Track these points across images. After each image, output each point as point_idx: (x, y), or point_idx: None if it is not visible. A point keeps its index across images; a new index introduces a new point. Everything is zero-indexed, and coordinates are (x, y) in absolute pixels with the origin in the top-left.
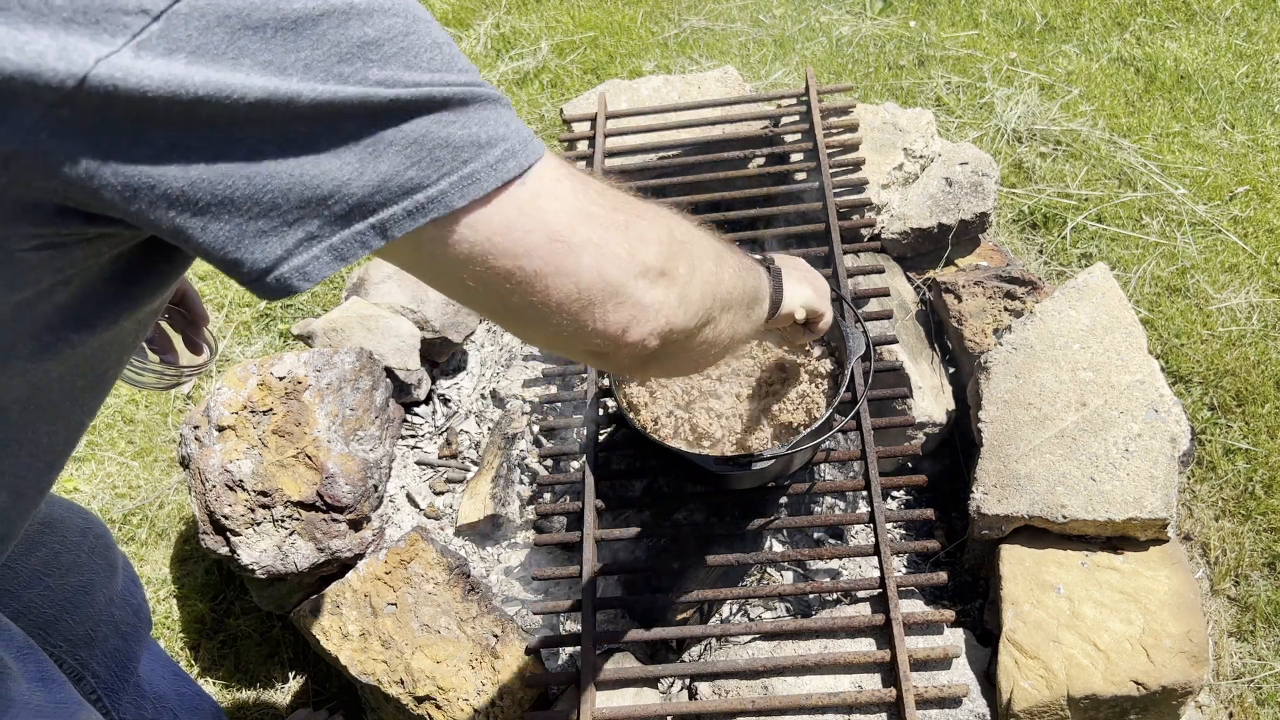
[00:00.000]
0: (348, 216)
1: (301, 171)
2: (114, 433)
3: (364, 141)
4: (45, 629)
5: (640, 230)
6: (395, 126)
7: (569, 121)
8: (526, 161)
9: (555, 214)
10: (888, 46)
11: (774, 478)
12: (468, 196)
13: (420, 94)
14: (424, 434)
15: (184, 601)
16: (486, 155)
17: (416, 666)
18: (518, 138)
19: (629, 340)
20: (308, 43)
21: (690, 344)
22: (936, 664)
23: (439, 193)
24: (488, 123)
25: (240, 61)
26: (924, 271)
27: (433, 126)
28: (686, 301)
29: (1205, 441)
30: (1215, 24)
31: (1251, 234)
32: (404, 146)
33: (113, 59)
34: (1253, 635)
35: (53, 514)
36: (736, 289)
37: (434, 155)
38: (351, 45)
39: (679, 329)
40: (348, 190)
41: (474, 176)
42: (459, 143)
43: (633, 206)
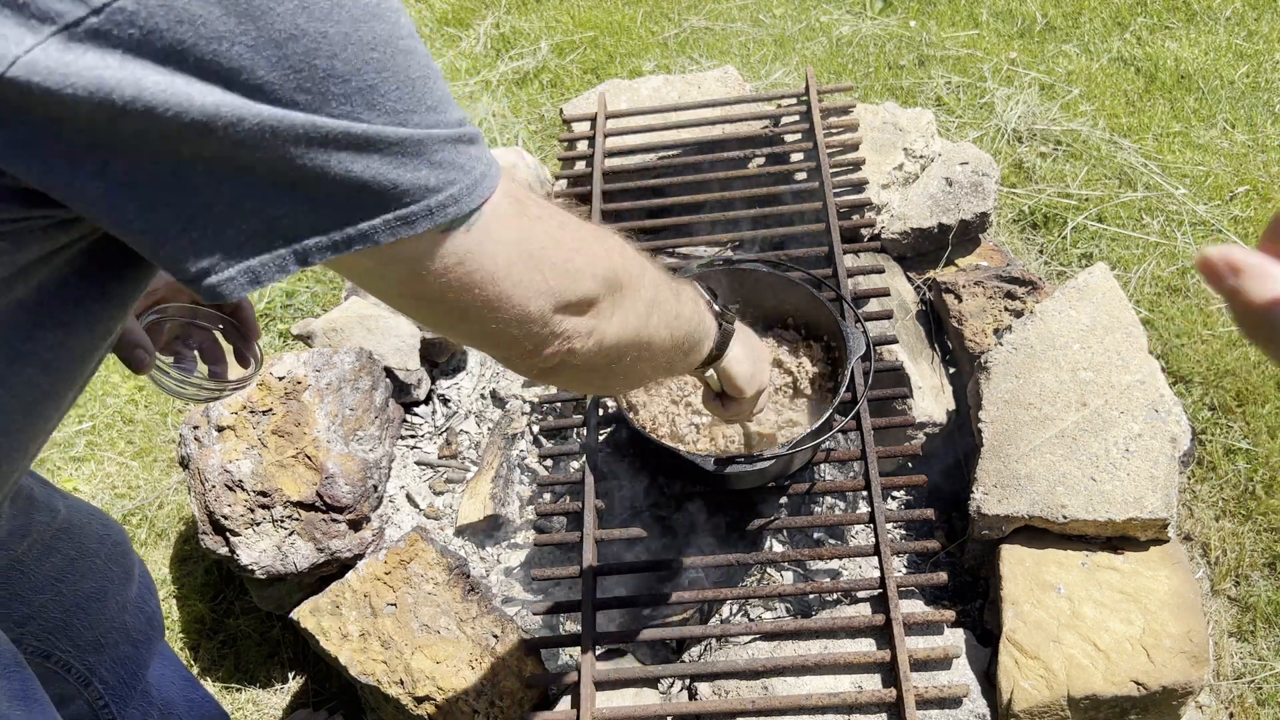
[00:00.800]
0: (271, 240)
1: (230, 191)
2: (114, 433)
3: (303, 170)
4: (54, 633)
5: (577, 268)
6: (340, 161)
7: (569, 121)
8: (469, 206)
9: (493, 258)
10: (888, 46)
11: (774, 478)
12: (397, 235)
13: (373, 133)
14: (424, 434)
15: (184, 601)
16: (429, 199)
17: (416, 667)
18: (468, 180)
19: (533, 357)
20: (267, 63)
21: (594, 371)
22: (937, 664)
23: (370, 229)
24: (441, 166)
25: (188, 71)
26: (924, 271)
27: (382, 167)
28: (600, 338)
29: (1205, 441)
30: (1215, 24)
31: (1252, 234)
32: (345, 181)
33: (36, 53)
34: (1253, 635)
35: (72, 519)
36: (663, 335)
37: (375, 194)
38: (315, 74)
39: (581, 357)
40: (276, 214)
41: (410, 218)
42: (406, 185)
43: (578, 241)
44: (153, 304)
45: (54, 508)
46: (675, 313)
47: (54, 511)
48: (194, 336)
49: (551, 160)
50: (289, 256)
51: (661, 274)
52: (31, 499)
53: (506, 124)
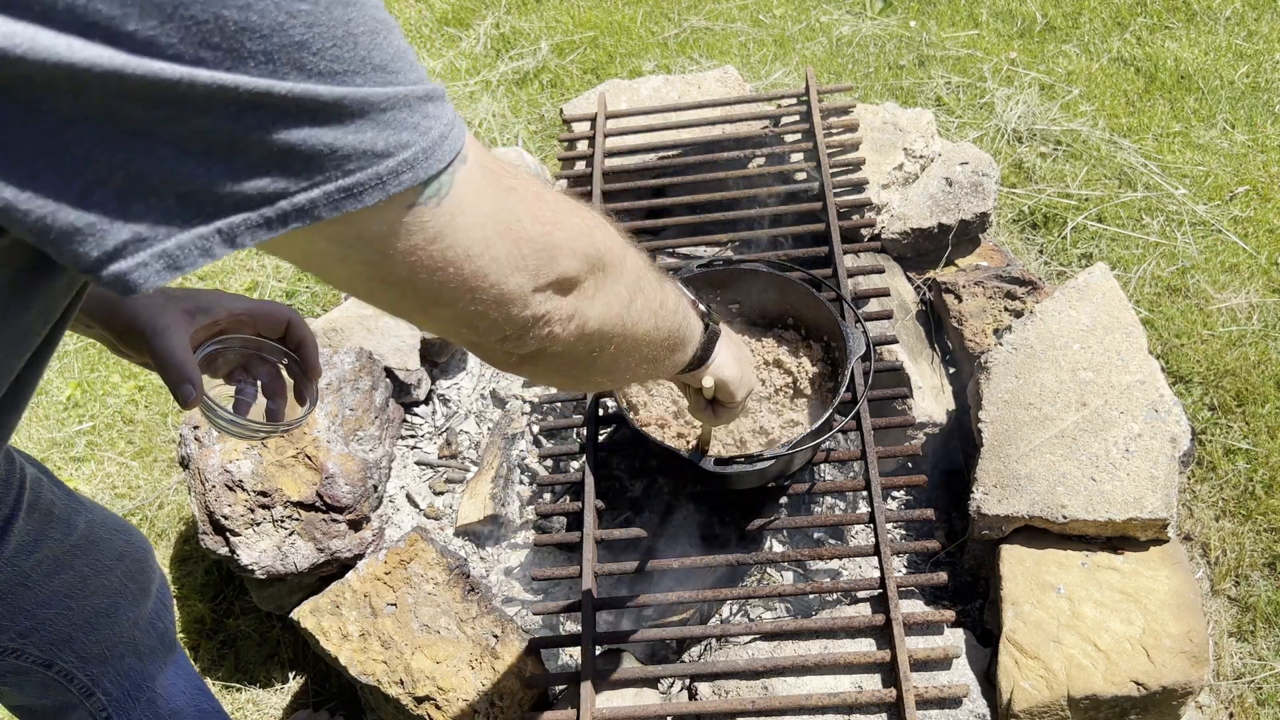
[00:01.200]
0: (187, 218)
1: (130, 160)
2: (114, 433)
3: (218, 137)
4: (58, 645)
5: (557, 243)
6: (262, 125)
7: (569, 121)
8: (427, 172)
9: (466, 232)
10: (888, 46)
11: (774, 478)
12: (341, 209)
13: (301, 92)
14: (424, 434)
15: (184, 602)
16: (377, 166)
17: (416, 667)
18: (425, 141)
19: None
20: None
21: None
22: (936, 664)
23: (308, 202)
24: (390, 126)
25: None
26: (924, 271)
27: (313, 130)
28: (581, 320)
29: (1205, 441)
30: (1215, 24)
31: (1252, 234)
32: (271, 149)
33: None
34: (1253, 635)
35: (92, 535)
36: (646, 324)
37: (309, 162)
38: (224, 28)
39: (561, 342)
40: (190, 187)
41: (356, 188)
42: (344, 150)
43: (557, 215)
44: (214, 334)
45: (71, 523)
46: (660, 300)
47: (70, 528)
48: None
49: (551, 160)
50: (212, 237)
51: (644, 258)
52: (50, 514)
53: (506, 124)
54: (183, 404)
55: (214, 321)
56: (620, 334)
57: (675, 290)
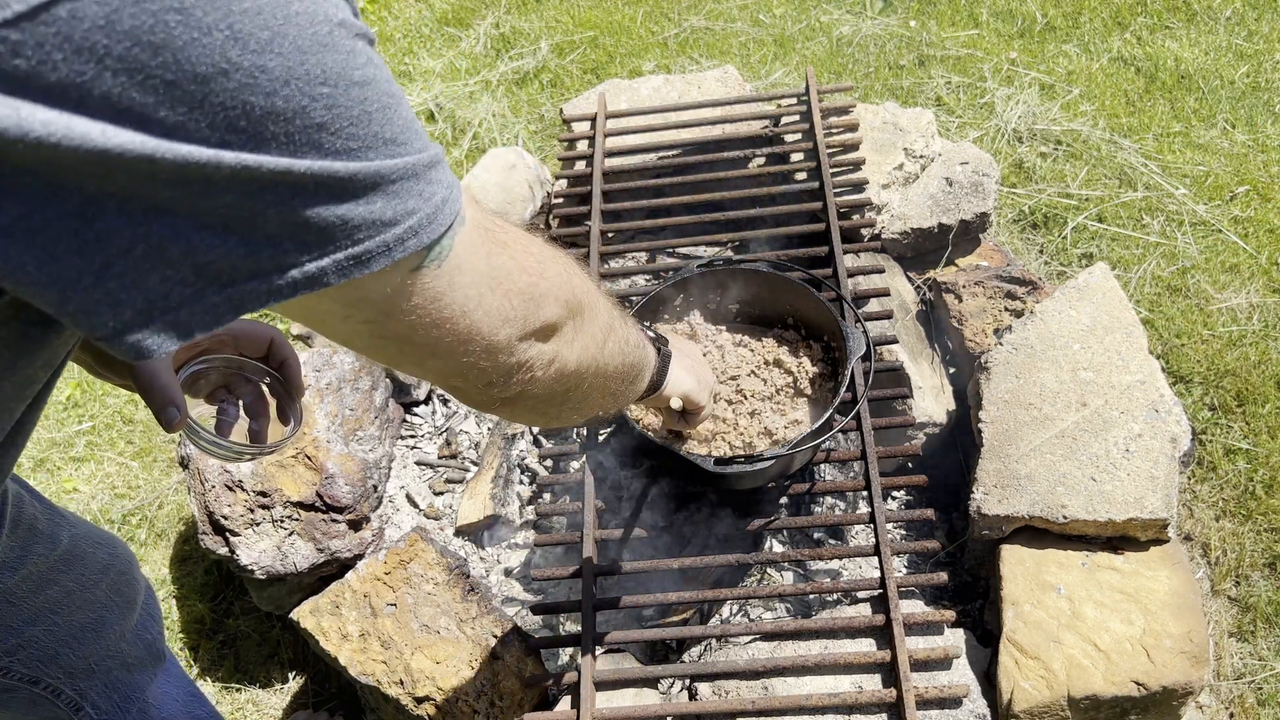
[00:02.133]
0: (200, 287)
1: (149, 235)
2: (113, 433)
3: (238, 213)
4: (45, 661)
5: (542, 292)
6: (281, 201)
7: (569, 121)
8: (430, 237)
9: (463, 290)
10: (888, 46)
11: (774, 478)
12: (349, 277)
13: (320, 170)
14: (423, 434)
15: (183, 602)
16: (385, 234)
17: (416, 667)
18: (428, 208)
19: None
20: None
21: (550, 400)
22: (937, 664)
23: (318, 270)
24: (398, 196)
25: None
26: (924, 271)
27: (329, 204)
28: (562, 364)
29: (1206, 441)
30: (1216, 24)
31: (1252, 234)
32: (288, 223)
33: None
34: (1253, 635)
35: (75, 550)
36: (616, 361)
37: (323, 234)
38: (250, 114)
39: (541, 384)
40: (205, 259)
41: (364, 256)
42: (356, 221)
43: (541, 265)
44: (196, 355)
45: (56, 539)
46: (625, 337)
47: (55, 543)
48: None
49: (551, 160)
50: (223, 305)
51: (611, 300)
52: (34, 530)
53: (506, 124)
54: (167, 428)
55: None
56: (594, 373)
57: (635, 325)
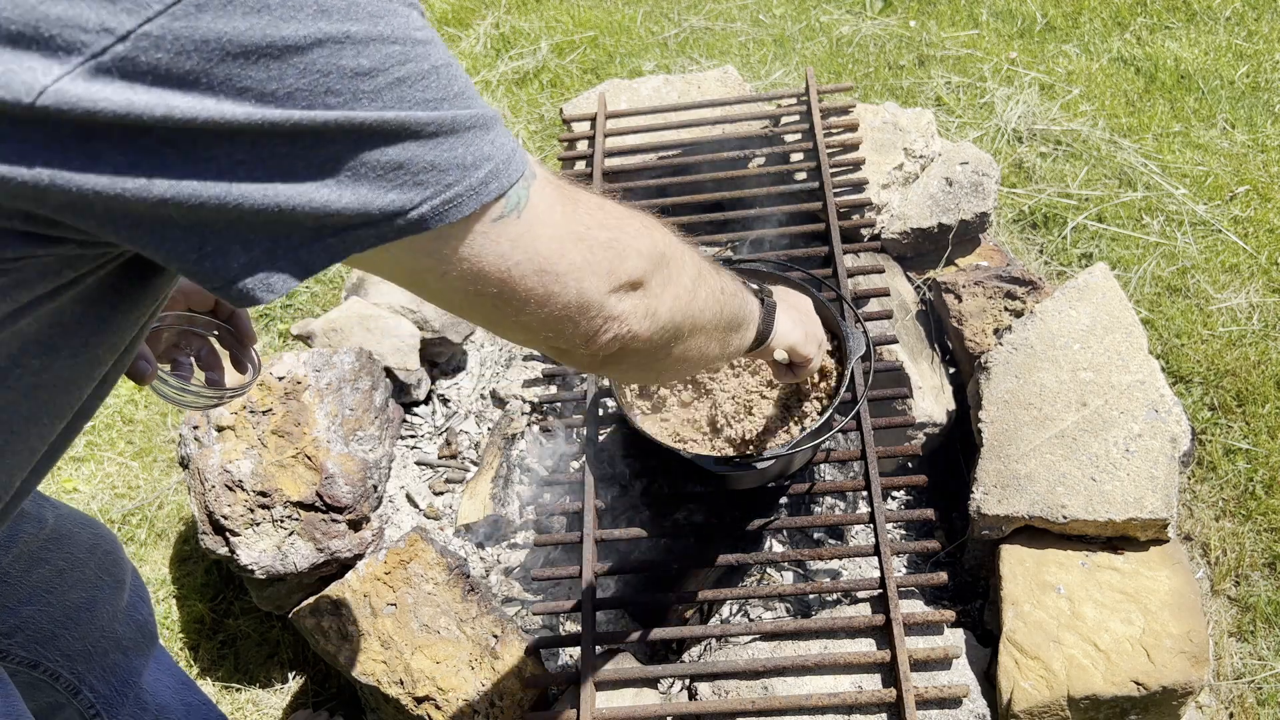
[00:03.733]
0: (319, 234)
1: (276, 193)
2: (113, 433)
3: (344, 164)
4: (42, 644)
5: (624, 245)
6: (378, 149)
7: (569, 121)
8: (509, 180)
9: (546, 242)
10: (888, 46)
11: (774, 478)
12: (448, 219)
13: (407, 118)
14: (424, 434)
15: (183, 602)
16: (470, 177)
17: (416, 667)
18: (503, 155)
19: (594, 344)
20: (295, 71)
21: (653, 355)
22: (937, 664)
23: (419, 216)
24: (474, 144)
25: (217, 89)
26: (924, 271)
27: (418, 150)
28: (655, 315)
29: (1205, 441)
30: (1215, 24)
31: (1252, 234)
32: (386, 170)
33: (63, 83)
34: (1253, 635)
35: (61, 529)
36: (711, 310)
37: (417, 178)
38: (343, 74)
39: (642, 339)
40: (323, 210)
41: (456, 200)
42: (445, 165)
43: (619, 220)
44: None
45: (42, 518)
46: (719, 286)
47: (42, 522)
48: (190, 344)
49: (551, 160)
50: (336, 244)
51: (698, 251)
52: (21, 510)
53: (506, 124)
54: (139, 380)
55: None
56: (690, 323)
57: (730, 275)
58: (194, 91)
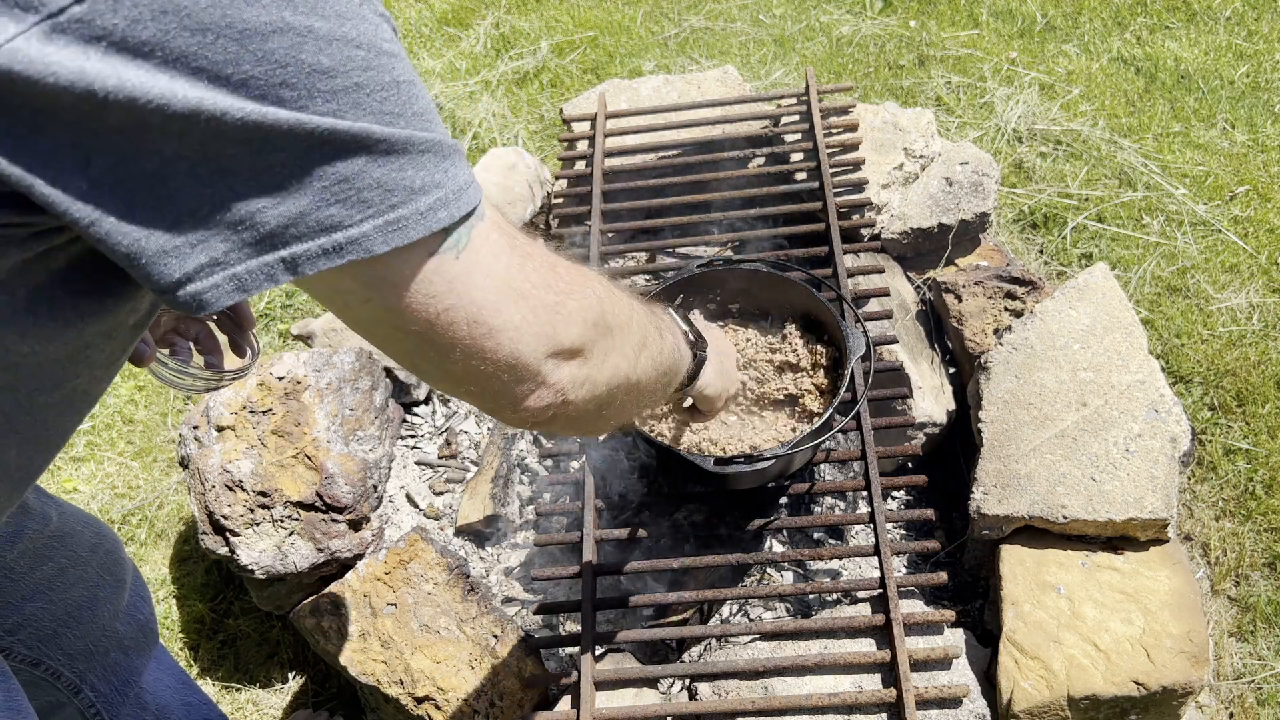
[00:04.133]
0: (258, 246)
1: (215, 194)
2: (113, 433)
3: (289, 171)
4: (44, 642)
5: (569, 311)
6: (326, 160)
7: (569, 121)
8: (457, 213)
9: (484, 291)
10: (888, 46)
11: (774, 478)
12: (390, 243)
13: (359, 130)
14: (423, 434)
15: (183, 602)
16: (417, 202)
17: (416, 667)
18: (453, 185)
19: (522, 408)
20: (252, 57)
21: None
22: (937, 664)
23: (360, 235)
24: (426, 168)
25: (171, 64)
26: (924, 271)
27: (367, 165)
28: (593, 384)
29: (1206, 441)
30: (1215, 24)
31: (1252, 234)
32: (332, 182)
33: (18, 42)
34: (1253, 635)
35: (65, 527)
36: (651, 375)
37: (361, 195)
38: (301, 68)
39: (574, 406)
40: (262, 219)
41: (400, 222)
42: (390, 185)
43: (569, 283)
44: None
45: (46, 515)
46: (659, 349)
47: (46, 519)
48: (188, 328)
49: (551, 160)
50: (277, 265)
51: (646, 310)
52: (25, 506)
53: (506, 124)
54: (138, 363)
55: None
56: (627, 389)
57: (671, 328)
58: (147, 64)
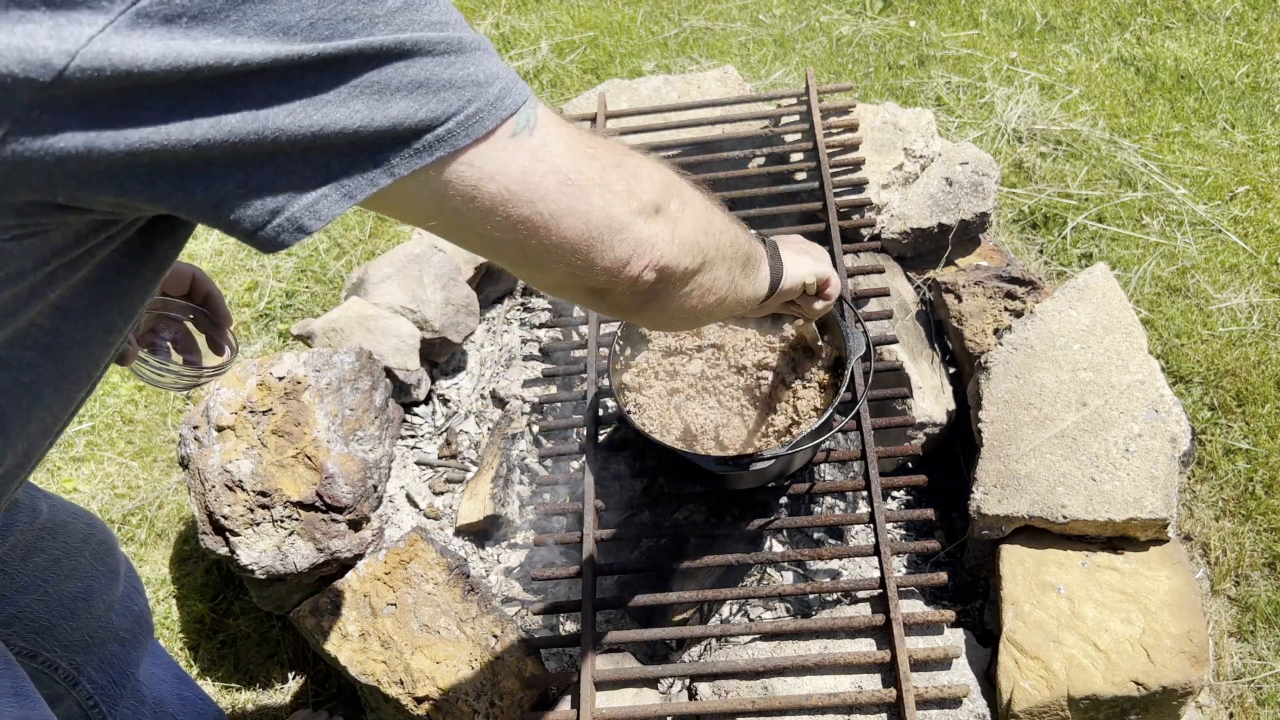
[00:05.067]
0: (355, 158)
1: (309, 120)
2: (113, 433)
3: (371, 87)
4: (40, 634)
5: (634, 167)
6: (400, 71)
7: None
8: (520, 98)
9: (563, 156)
10: (888, 46)
11: (774, 478)
12: (473, 135)
13: (420, 38)
14: (424, 434)
15: (183, 602)
16: (486, 93)
17: (416, 667)
18: (509, 76)
19: (629, 274)
20: (314, 3)
21: (687, 284)
22: (937, 664)
23: (446, 132)
24: (483, 63)
25: (243, 25)
26: (924, 271)
27: (435, 68)
28: (680, 237)
29: (1205, 441)
30: (1215, 24)
31: (1252, 234)
32: (410, 90)
33: (105, 35)
34: (1253, 635)
35: (55, 519)
36: (728, 238)
37: (439, 95)
38: (357, 3)
39: (674, 263)
40: (358, 134)
41: (477, 115)
42: (461, 82)
43: (623, 146)
44: None
45: (36, 508)
46: (725, 216)
47: (36, 512)
48: (167, 328)
49: None
50: (377, 171)
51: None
52: (14, 500)
53: None
54: (121, 361)
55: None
56: (712, 247)
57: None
58: (224, 32)
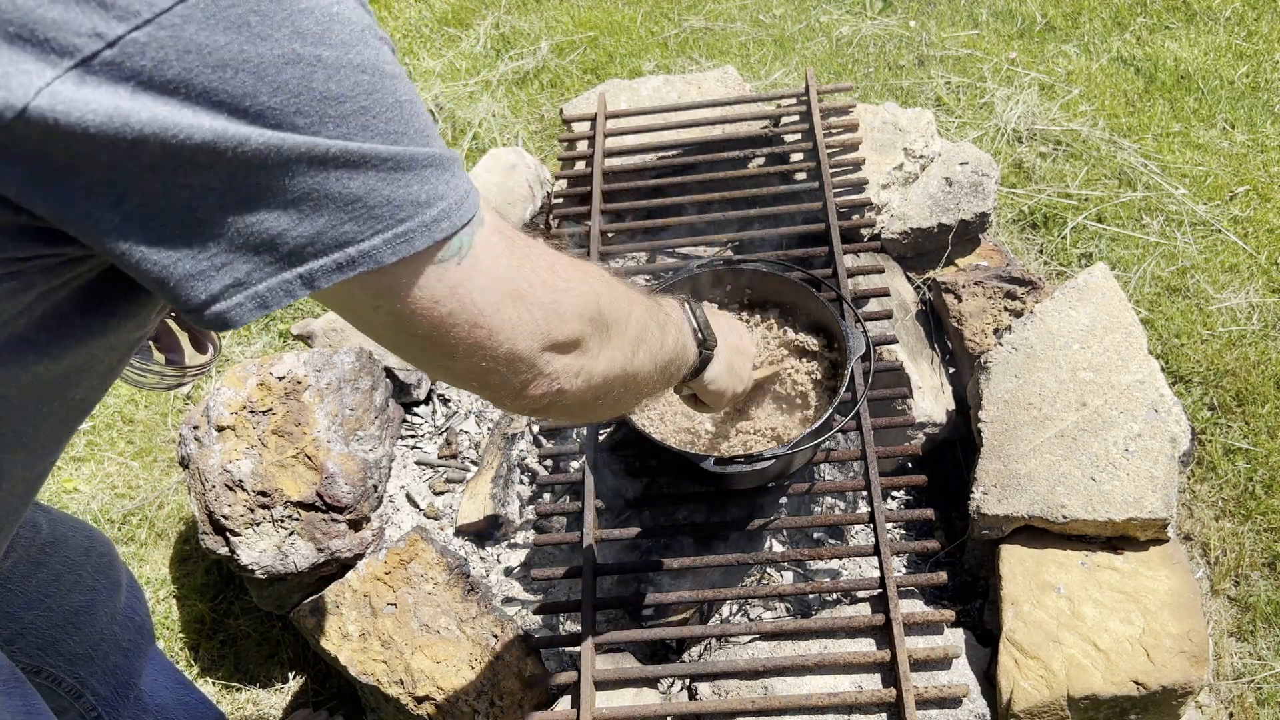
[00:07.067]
0: (278, 265)
1: (240, 220)
2: (113, 433)
3: (307, 193)
4: (44, 649)
5: (564, 308)
6: (339, 180)
7: (569, 121)
8: (459, 222)
9: (483, 293)
10: (888, 46)
11: (774, 478)
12: (399, 254)
13: (368, 150)
14: (424, 434)
15: (184, 602)
16: (423, 214)
17: (416, 667)
18: (454, 196)
19: (521, 397)
20: (268, 89)
21: (583, 407)
22: (936, 664)
23: (371, 248)
24: (430, 181)
25: (195, 100)
26: (924, 271)
27: (377, 183)
28: (589, 375)
29: (1205, 441)
30: (1215, 24)
31: (1251, 234)
32: (345, 201)
33: (55, 86)
34: (1253, 635)
35: (56, 533)
36: (645, 369)
37: (372, 211)
38: (313, 97)
39: (571, 395)
40: (282, 240)
41: (407, 235)
42: (398, 200)
43: (566, 280)
44: None
45: (36, 523)
46: (659, 344)
47: (36, 527)
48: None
49: (551, 160)
50: (295, 281)
51: (648, 305)
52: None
53: (506, 124)
54: None
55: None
56: (623, 381)
57: (677, 323)
58: (174, 100)
